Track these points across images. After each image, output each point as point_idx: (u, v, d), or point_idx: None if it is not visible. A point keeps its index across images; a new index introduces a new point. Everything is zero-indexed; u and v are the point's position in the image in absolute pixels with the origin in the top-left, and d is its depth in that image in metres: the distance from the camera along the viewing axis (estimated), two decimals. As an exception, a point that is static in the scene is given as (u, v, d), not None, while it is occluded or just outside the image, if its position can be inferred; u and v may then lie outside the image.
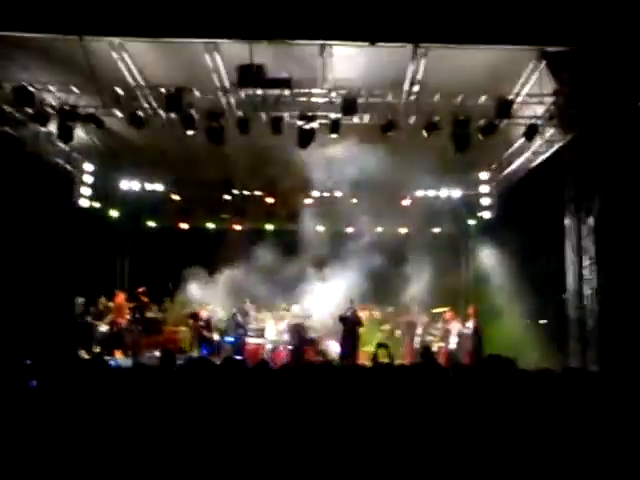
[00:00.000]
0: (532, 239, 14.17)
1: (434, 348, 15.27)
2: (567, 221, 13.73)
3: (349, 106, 11.81)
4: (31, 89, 11.56)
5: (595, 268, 13.11)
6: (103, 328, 15.07)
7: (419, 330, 15.86)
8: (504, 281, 15.59)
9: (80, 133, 13.08)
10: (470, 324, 15.02)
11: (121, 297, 15.63)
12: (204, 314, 15.80)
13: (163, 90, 11.77)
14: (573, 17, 10.09)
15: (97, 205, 16.54)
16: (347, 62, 11.24)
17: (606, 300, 12.77)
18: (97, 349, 14.66)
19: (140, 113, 12.15)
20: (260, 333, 16.13)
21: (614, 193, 12.16)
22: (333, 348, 15.90)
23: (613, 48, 10.12)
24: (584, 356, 13.18)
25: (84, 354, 13.76)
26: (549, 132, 12.76)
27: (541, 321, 15.83)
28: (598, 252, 13.07)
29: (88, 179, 16.02)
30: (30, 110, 12.02)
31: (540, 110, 12.10)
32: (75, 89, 12.00)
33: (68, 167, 15.51)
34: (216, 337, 15.84)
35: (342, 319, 15.33)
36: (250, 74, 11.28)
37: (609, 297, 12.64)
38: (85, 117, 12.20)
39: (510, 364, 5.32)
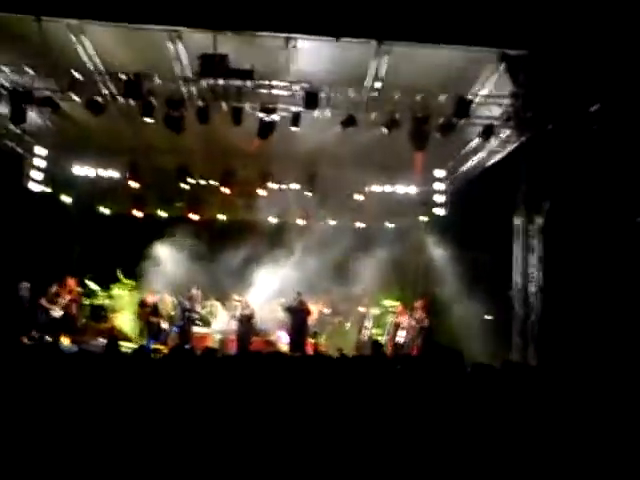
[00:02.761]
0: (482, 237, 14.48)
1: (382, 340, 15.52)
2: (516, 220, 14.08)
3: (311, 100, 11.82)
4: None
5: (541, 267, 13.52)
6: (54, 313, 14.68)
7: (369, 322, 16.05)
8: (454, 277, 15.88)
9: (33, 116, 12.67)
10: (419, 317, 15.29)
11: (72, 282, 15.27)
12: (150, 299, 15.61)
13: (123, 76, 11.52)
14: (532, 22, 10.39)
15: (49, 190, 16.09)
16: (311, 56, 11.26)
17: (549, 298, 13.18)
18: (40, 334, 14.28)
19: (98, 98, 11.86)
20: (208, 322, 16.06)
21: (564, 195, 12.54)
22: (282, 339, 15.97)
23: (569, 53, 10.45)
24: (525, 351, 13.61)
25: (26, 340, 13.42)
26: (505, 133, 13.04)
27: (487, 317, 16.23)
28: (544, 251, 13.48)
29: (40, 163, 15.53)
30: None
31: (497, 111, 12.38)
32: (30, 71, 11.57)
33: (19, 150, 15.03)
34: (164, 325, 15.67)
35: (288, 310, 15.44)
36: (212, 64, 11.16)
37: (552, 295, 13.06)
38: (40, 100, 11.80)
39: (455, 356, 5.49)
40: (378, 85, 11.91)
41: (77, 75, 11.57)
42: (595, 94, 10.96)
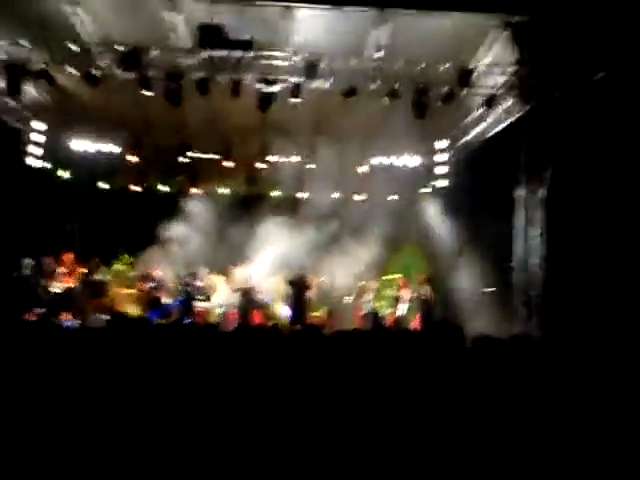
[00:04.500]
0: (484, 208, 14.38)
1: (383, 314, 15.53)
2: (518, 191, 14.00)
3: (311, 70, 11.66)
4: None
5: (542, 239, 13.47)
6: (53, 289, 14.59)
7: (369, 296, 16.02)
8: (456, 249, 15.83)
9: (31, 90, 12.50)
10: (420, 291, 15.26)
11: (70, 258, 15.16)
12: (152, 274, 15.56)
13: (120, 48, 11.34)
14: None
15: (48, 165, 15.95)
16: (310, 25, 11.05)
17: (551, 270, 13.15)
18: (43, 311, 14.23)
19: (95, 71, 11.68)
20: (209, 296, 16.04)
21: (566, 166, 12.42)
22: (283, 312, 15.98)
23: (574, 19, 10.26)
24: (528, 323, 13.63)
25: (30, 316, 13.38)
26: (508, 102, 12.86)
27: (487, 289, 16.22)
28: (546, 223, 13.42)
29: (38, 138, 15.38)
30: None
31: (500, 80, 12.19)
32: (25, 43, 11.35)
33: (17, 125, 14.84)
34: (166, 300, 15.65)
35: (290, 283, 15.43)
36: (210, 34, 10.99)
37: (554, 267, 13.02)
38: (35, 73, 11.60)
39: (458, 331, 5.45)
40: (379, 55, 11.72)
41: (73, 47, 11.36)
42: (600, 62, 10.78)
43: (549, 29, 10.45)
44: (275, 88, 11.92)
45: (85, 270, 15.34)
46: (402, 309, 15.52)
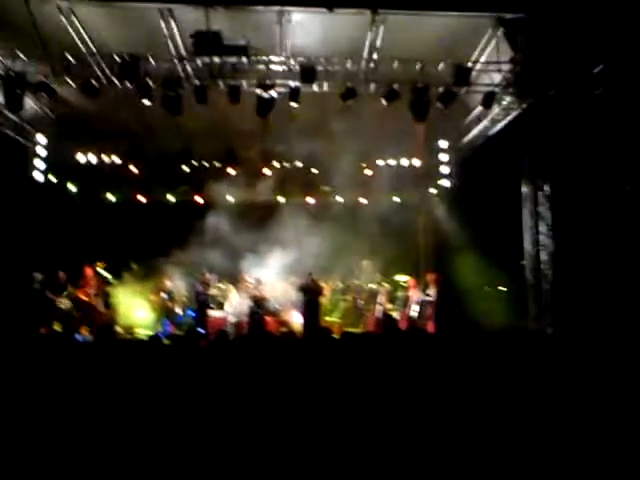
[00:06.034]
0: (491, 206, 14.31)
1: (395, 316, 15.43)
2: (524, 188, 13.92)
3: (308, 74, 11.67)
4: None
5: (551, 234, 13.37)
6: (65, 304, 14.65)
7: (381, 299, 15.96)
8: (464, 248, 15.75)
9: (32, 103, 12.64)
10: (431, 291, 15.16)
11: (89, 271, 15.22)
12: (167, 284, 15.62)
13: (117, 58, 11.43)
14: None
15: (53, 178, 16.13)
16: (306, 29, 11.13)
17: (561, 265, 13.04)
18: (58, 325, 14.29)
19: (93, 82, 11.77)
20: (222, 305, 16.04)
21: (570, 160, 12.33)
22: (295, 319, 15.96)
23: (569, 15, 10.19)
24: (540, 320, 13.50)
25: (44, 331, 13.43)
26: (506, 100, 12.81)
27: (500, 287, 16.09)
28: (553, 218, 13.32)
29: (43, 152, 15.54)
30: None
31: (497, 78, 12.14)
32: (22, 55, 11.46)
33: (21, 140, 15.00)
34: (179, 310, 15.68)
35: (301, 289, 15.40)
36: (206, 41, 11.06)
37: (564, 262, 12.91)
38: (35, 85, 11.69)
39: (471, 329, 5.42)
40: (375, 56, 11.74)
41: (71, 59, 11.47)
42: (598, 55, 10.70)
43: (543, 25, 10.40)
44: (273, 93, 11.91)
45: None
46: (414, 310, 15.42)
